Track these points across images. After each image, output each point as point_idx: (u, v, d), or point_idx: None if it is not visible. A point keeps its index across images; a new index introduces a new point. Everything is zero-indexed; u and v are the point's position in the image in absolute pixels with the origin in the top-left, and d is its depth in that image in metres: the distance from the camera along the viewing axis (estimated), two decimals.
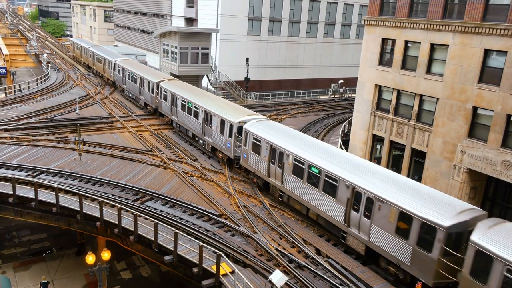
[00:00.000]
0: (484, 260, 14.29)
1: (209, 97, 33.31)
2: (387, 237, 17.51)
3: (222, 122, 28.30)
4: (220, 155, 29.43)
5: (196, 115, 31.41)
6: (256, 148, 25.16)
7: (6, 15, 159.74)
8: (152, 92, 38.60)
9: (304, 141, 23.56)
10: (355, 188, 18.93)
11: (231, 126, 27.44)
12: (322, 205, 20.73)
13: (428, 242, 15.91)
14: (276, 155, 23.60)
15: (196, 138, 32.60)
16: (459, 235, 15.62)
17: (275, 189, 24.33)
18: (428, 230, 15.93)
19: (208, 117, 30.03)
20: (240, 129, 26.78)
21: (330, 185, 20.14)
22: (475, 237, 14.72)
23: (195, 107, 31.49)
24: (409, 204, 16.86)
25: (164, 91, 36.02)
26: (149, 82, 39.22)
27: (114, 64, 48.41)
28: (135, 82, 42.52)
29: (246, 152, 26.17)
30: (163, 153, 30.47)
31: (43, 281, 25.30)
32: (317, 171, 20.87)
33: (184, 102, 32.87)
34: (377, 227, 17.92)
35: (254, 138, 25.31)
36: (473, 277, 14.75)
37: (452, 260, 15.39)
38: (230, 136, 27.59)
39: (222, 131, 28.35)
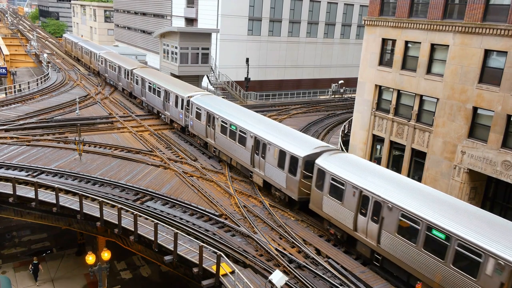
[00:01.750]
0: (321, 174, 20.51)
1: (169, 80, 39.79)
2: (273, 169, 23.73)
3: (176, 97, 34.26)
4: (175, 125, 35.72)
5: (159, 94, 37.54)
6: (198, 116, 31.15)
7: (6, 15, 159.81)
8: (127, 78, 44.84)
9: (231, 107, 30.17)
10: (256, 137, 25.01)
11: (182, 100, 33.31)
12: (238, 154, 26.81)
13: (294, 169, 22.09)
14: (210, 119, 29.55)
15: (160, 114, 38.42)
16: (311, 162, 21.33)
17: (210, 146, 30.48)
18: (294, 160, 22.15)
19: (166, 95, 35.94)
20: (188, 102, 32.57)
21: (242, 138, 26.17)
22: (317, 161, 21.01)
23: (158, 87, 37.61)
24: (285, 144, 23.11)
25: (136, 76, 42.44)
26: (125, 69, 45.54)
27: (98, 55, 54.65)
28: (114, 71, 48.86)
29: (192, 120, 32.26)
30: (163, 153, 30.48)
31: (34, 262, 26.90)
32: (234, 128, 27.01)
33: (151, 84, 39.12)
34: (268, 164, 24.08)
35: (197, 108, 31.28)
36: (316, 187, 20.93)
37: (307, 180, 21.63)
38: (182, 108, 33.47)
39: (176, 105, 34.38)
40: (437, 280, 15.61)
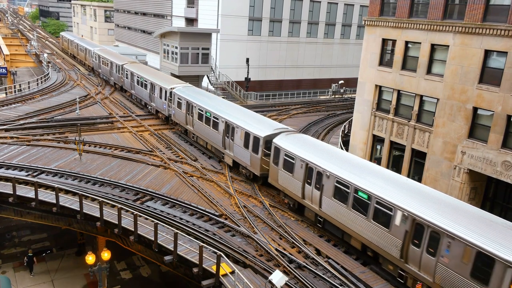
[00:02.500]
0: (277, 151, 23.54)
1: (155, 73, 42.77)
2: (240, 150, 26.56)
3: (160, 89, 37.09)
4: (160, 115, 38.40)
5: (145, 87, 40.55)
6: (179, 105, 33.88)
7: (6, 15, 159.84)
8: (118, 72, 48.22)
9: (208, 97, 32.92)
10: (227, 122, 27.79)
11: (165, 92, 36.15)
12: (212, 138, 29.62)
13: (256, 148, 25.02)
14: (189, 108, 32.31)
15: (147, 105, 41.54)
16: (270, 142, 24.31)
17: (190, 132, 33.31)
18: (256, 140, 25.16)
19: (152, 87, 38.90)
20: (171, 93, 35.20)
21: (215, 123, 28.94)
22: (274, 140, 23.94)
23: (145, 81, 40.83)
24: (249, 126, 26.13)
25: (126, 71, 45.66)
26: (116, 65, 48.65)
27: (92, 52, 57.75)
28: (107, 66, 52.06)
29: (174, 109, 35.01)
30: (163, 153, 30.48)
31: (29, 254, 27.67)
32: (209, 114, 29.67)
33: (139, 78, 42.42)
34: (236, 145, 27.00)
35: (178, 98, 33.96)
36: (273, 163, 24.00)
37: (267, 157, 24.55)
38: (165, 99, 36.34)
39: (160, 96, 37.28)
40: (362, 234, 18.70)
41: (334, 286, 17.19)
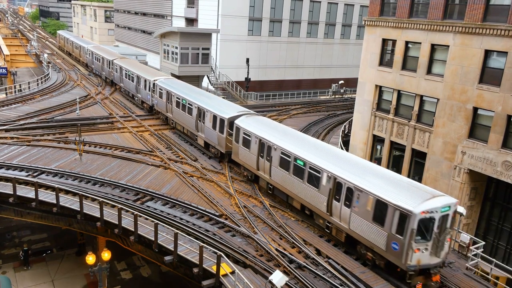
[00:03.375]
0: (238, 130, 26.56)
1: (141, 67, 45.64)
2: (210, 131, 29.89)
3: (145, 81, 40.10)
4: (145, 105, 41.36)
5: (132, 80, 43.47)
6: (161, 95, 36.97)
7: (6, 15, 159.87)
8: (109, 67, 50.69)
9: (185, 87, 36.00)
10: (199, 107, 31.13)
11: (149, 83, 39.15)
12: (187, 122, 32.92)
13: (222, 128, 28.20)
14: (169, 97, 35.38)
15: (134, 96, 44.36)
16: (233, 123, 27.08)
17: (169, 119, 36.58)
18: (222, 122, 28.24)
19: (138, 80, 41.95)
20: (154, 84, 38.24)
21: (190, 109, 32.39)
22: (236, 121, 26.93)
23: (131, 74, 43.54)
24: (216, 110, 29.42)
25: (115, 65, 48.28)
26: (107, 60, 51.85)
27: (86, 49, 61.52)
28: (99, 62, 55.43)
29: (156, 99, 38.10)
30: (164, 154, 30.49)
31: (24, 248, 28.28)
32: (185, 102, 33.03)
33: (127, 72, 45.05)
34: (206, 127, 30.14)
35: (160, 89, 37.05)
36: (235, 141, 27.01)
37: (231, 136, 27.64)
38: (149, 90, 39.12)
39: (145, 87, 40.23)
40: (300, 195, 22.05)
41: (334, 286, 17.19)
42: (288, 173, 22.54)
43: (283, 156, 22.90)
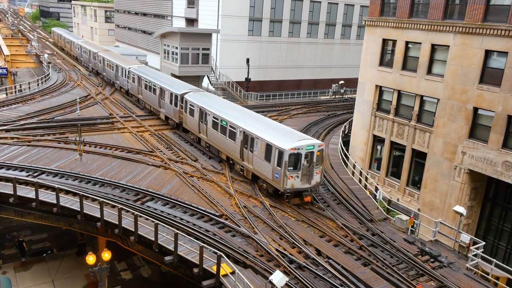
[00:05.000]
0: (186, 103, 32.73)
1: (120, 58, 51.39)
2: (168, 106, 35.75)
3: (122, 69, 46.02)
4: (123, 90, 47.15)
5: (112, 69, 49.29)
6: (133, 80, 43.21)
7: (7, 15, 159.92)
8: (94, 59, 57.25)
9: (154, 73, 42.04)
10: (161, 88, 36.98)
11: (125, 70, 45.35)
12: (152, 101, 39.10)
13: (176, 102, 34.25)
14: (140, 81, 41.68)
15: (113, 83, 49.97)
16: (184, 98, 33.10)
17: (141, 101, 42.37)
18: (176, 97, 34.25)
19: (117, 68, 47.58)
20: (129, 71, 44.37)
21: (154, 89, 38.24)
22: (185, 96, 33.00)
23: (112, 64, 49.43)
24: (172, 88, 35.31)
25: (99, 57, 54.32)
26: (93, 53, 57.12)
27: (76, 44, 67.72)
28: (87, 54, 60.61)
29: (130, 84, 44.26)
30: (164, 154, 30.48)
31: (20, 239, 28.77)
32: (150, 84, 39.24)
33: (108, 62, 50.88)
34: (166, 103, 36.30)
35: (133, 75, 43.32)
36: (184, 112, 33.14)
37: (182, 109, 33.61)
38: (125, 77, 45.43)
39: (122, 75, 46.14)
40: (226, 149, 28.16)
41: (334, 286, 17.19)
42: (217, 132, 28.81)
43: (214, 119, 29.07)
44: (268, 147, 23.88)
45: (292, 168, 23.08)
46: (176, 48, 48.57)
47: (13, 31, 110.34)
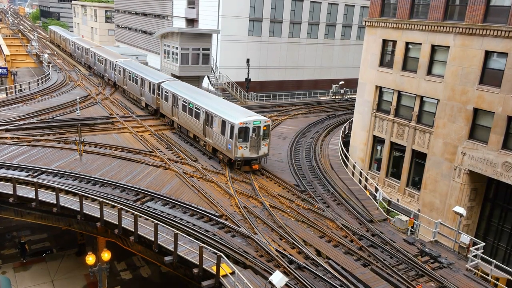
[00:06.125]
0: (162, 90, 36.72)
1: (109, 52, 56.53)
2: (148, 94, 40.06)
3: (110, 62, 50.19)
4: (111, 82, 51.10)
5: (101, 62, 53.70)
6: (119, 72, 47.19)
7: (7, 15, 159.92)
8: (87, 54, 61.25)
9: (136, 65, 46.93)
10: (142, 78, 41.32)
11: (113, 64, 49.27)
12: (135, 90, 43.31)
13: (154, 90, 38.40)
14: (124, 73, 45.67)
15: (103, 76, 54.27)
16: (160, 86, 37.21)
17: (126, 91, 46.25)
18: (154, 86, 38.47)
19: (106, 62, 51.91)
20: (116, 64, 48.30)
21: (136, 80, 42.62)
22: (161, 84, 37.08)
23: (101, 58, 53.60)
24: (151, 78, 39.56)
25: (91, 52, 59.10)
26: (85, 48, 62.26)
27: (70, 40, 72.08)
28: (80, 50, 65.46)
29: (117, 76, 48.45)
30: (164, 154, 30.49)
31: (22, 241, 28.59)
32: (133, 75, 43.48)
33: (98, 56, 55.37)
34: (146, 92, 40.66)
35: (119, 67, 47.18)
36: (161, 98, 37.05)
37: (159, 96, 37.63)
38: (112, 70, 49.41)
39: (110, 67, 50.35)
40: (193, 128, 32.19)
41: (334, 287, 17.19)
42: (186, 114, 32.91)
43: (184, 103, 33.09)
44: (223, 123, 28.04)
45: (241, 140, 27.28)
46: (177, 48, 48.58)
47: (13, 31, 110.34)
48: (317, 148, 34.71)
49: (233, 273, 16.84)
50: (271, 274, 16.97)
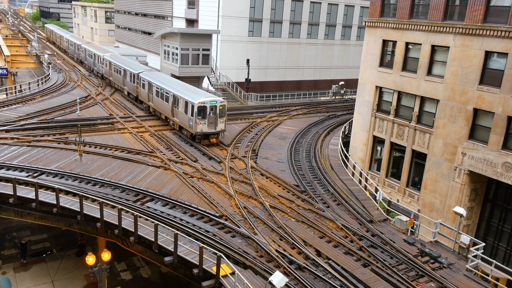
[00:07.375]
0: (140, 79, 41.84)
1: (98, 48, 62.03)
2: (129, 84, 44.62)
3: (99, 57, 55.06)
4: (99, 75, 55.92)
5: (91, 58, 58.70)
6: (106, 65, 51.84)
7: (7, 16, 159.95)
8: (79, 50, 66.62)
9: (120, 58, 51.66)
10: (124, 69, 45.57)
11: (100, 58, 54.32)
12: (118, 81, 47.91)
13: (134, 79, 43.13)
14: (110, 66, 50.21)
15: (93, 69, 59.13)
16: (139, 75, 41.72)
17: (111, 82, 51.02)
18: (133, 75, 43.13)
19: (95, 56, 56.84)
20: (103, 58, 52.89)
21: (119, 71, 47.13)
22: (140, 74, 41.78)
23: (91, 53, 58.84)
24: (131, 69, 44.06)
25: (83, 49, 63.98)
26: (77, 45, 67.59)
27: (65, 38, 77.12)
28: (73, 47, 70.38)
29: (104, 68, 53.18)
30: (164, 154, 30.49)
31: (22, 242, 28.55)
32: (118, 67, 47.74)
33: (88, 52, 60.78)
34: (127, 81, 45.33)
35: (106, 61, 51.70)
36: (139, 86, 41.93)
37: (138, 84, 42.04)
38: (101, 63, 54.24)
39: (99, 62, 55.17)
40: (165, 111, 36.97)
41: (334, 287, 17.19)
42: (158, 98, 37.52)
43: (157, 89, 37.67)
44: (186, 103, 32.86)
45: (200, 117, 32.12)
46: (176, 48, 48.58)
47: (13, 32, 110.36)
48: (317, 148, 34.72)
49: (233, 273, 16.85)
50: (271, 274, 16.97)
